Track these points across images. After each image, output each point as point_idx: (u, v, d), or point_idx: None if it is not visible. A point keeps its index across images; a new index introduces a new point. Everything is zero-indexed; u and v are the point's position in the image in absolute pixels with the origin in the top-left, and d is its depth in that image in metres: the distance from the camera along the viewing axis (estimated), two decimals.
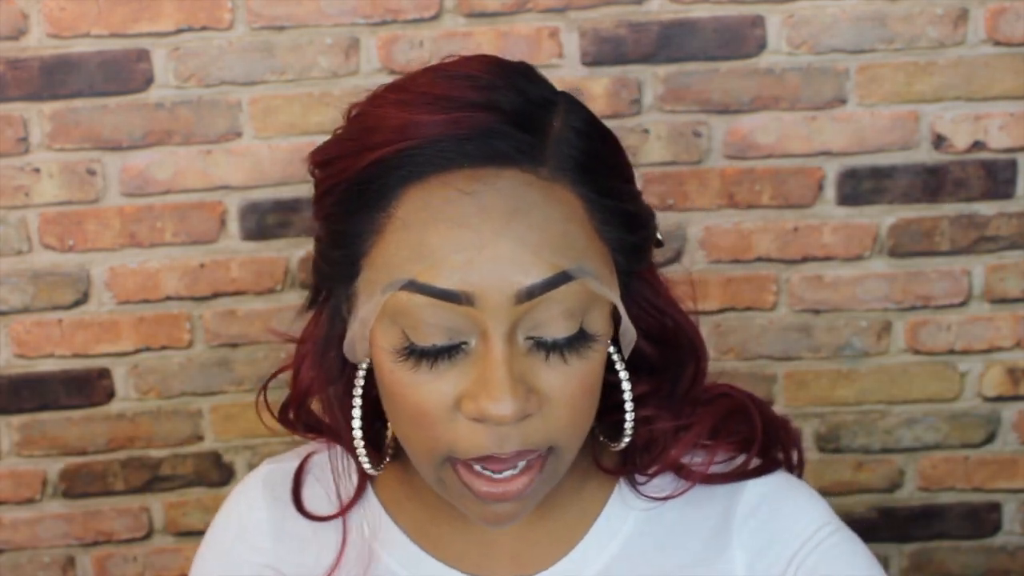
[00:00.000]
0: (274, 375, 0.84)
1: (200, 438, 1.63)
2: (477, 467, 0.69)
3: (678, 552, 0.80)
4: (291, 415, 0.83)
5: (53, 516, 1.64)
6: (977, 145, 1.56)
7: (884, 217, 1.58)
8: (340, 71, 1.53)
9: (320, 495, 0.83)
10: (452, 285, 0.65)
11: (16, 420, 1.61)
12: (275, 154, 1.55)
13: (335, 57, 1.52)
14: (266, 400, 0.84)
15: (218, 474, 1.64)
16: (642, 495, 0.80)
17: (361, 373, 0.76)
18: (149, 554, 1.66)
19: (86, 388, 1.61)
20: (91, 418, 1.61)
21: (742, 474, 0.81)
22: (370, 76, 1.53)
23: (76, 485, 1.63)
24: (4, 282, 1.57)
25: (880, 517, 1.66)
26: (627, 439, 0.77)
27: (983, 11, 1.52)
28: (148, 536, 1.66)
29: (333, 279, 0.73)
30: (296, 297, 1.58)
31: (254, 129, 1.54)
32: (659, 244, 0.77)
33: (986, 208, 1.58)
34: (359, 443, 0.76)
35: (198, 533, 1.66)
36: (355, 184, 0.69)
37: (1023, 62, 1.54)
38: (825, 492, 1.67)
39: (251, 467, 1.64)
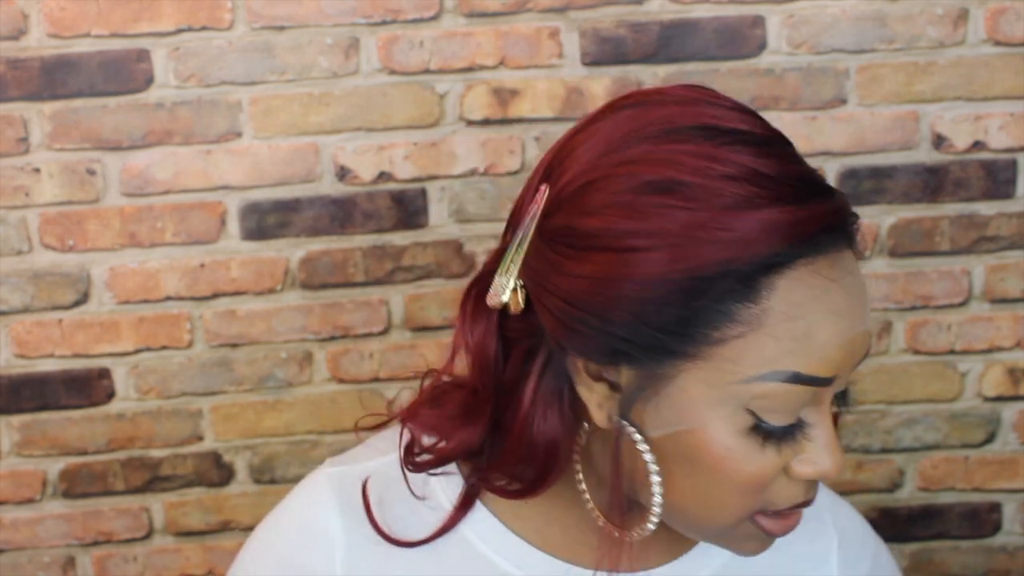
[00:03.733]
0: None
1: (200, 438, 1.63)
2: (785, 511, 0.74)
3: (786, 559, 0.86)
4: (430, 462, 0.80)
5: (53, 516, 1.64)
6: (977, 145, 1.56)
7: (884, 217, 1.58)
8: (340, 71, 1.53)
9: (402, 513, 0.81)
10: (830, 373, 0.68)
11: (16, 420, 1.61)
12: (275, 154, 1.55)
13: (335, 57, 1.52)
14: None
15: (218, 474, 1.64)
16: None
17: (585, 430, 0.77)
18: (149, 554, 1.66)
19: (86, 388, 1.61)
20: (91, 418, 1.61)
21: None
22: (370, 76, 1.53)
23: (76, 485, 1.63)
24: (4, 282, 1.57)
25: (880, 517, 1.66)
26: None
27: (983, 11, 1.52)
28: (148, 536, 1.66)
29: (596, 353, 0.71)
30: (296, 297, 1.58)
31: (254, 129, 1.54)
32: None
33: (986, 208, 1.58)
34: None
35: (198, 533, 1.66)
36: (704, 277, 0.67)
37: (1023, 62, 1.54)
38: None
39: (251, 467, 1.64)
